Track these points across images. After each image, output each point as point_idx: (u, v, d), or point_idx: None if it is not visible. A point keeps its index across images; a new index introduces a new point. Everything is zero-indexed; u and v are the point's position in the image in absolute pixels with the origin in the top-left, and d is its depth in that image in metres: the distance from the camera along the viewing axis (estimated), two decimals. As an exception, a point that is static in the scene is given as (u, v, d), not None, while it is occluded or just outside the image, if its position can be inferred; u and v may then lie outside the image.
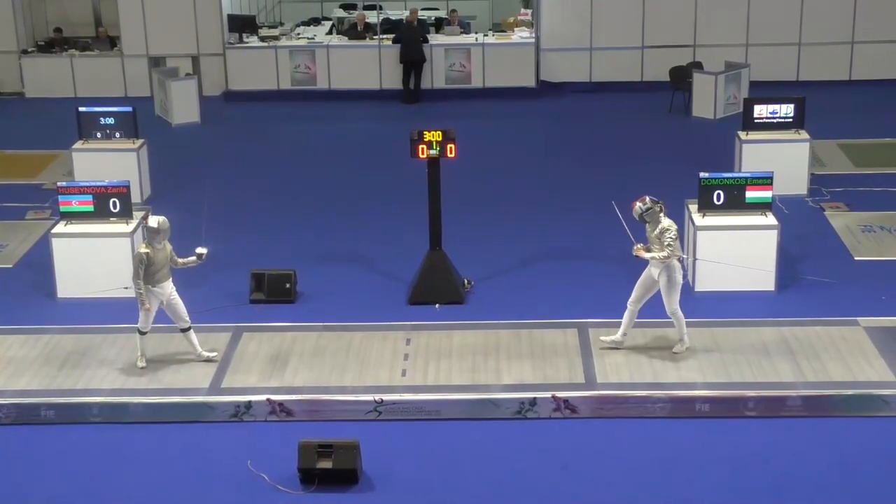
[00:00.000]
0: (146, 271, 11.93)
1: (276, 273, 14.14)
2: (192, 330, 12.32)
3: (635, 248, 12.26)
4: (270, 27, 26.32)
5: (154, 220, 12.00)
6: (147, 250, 11.94)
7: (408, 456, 10.95)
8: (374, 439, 10.90)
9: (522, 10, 26.56)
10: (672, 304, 12.25)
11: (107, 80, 24.76)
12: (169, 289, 12.15)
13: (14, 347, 12.73)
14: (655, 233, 12.11)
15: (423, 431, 11.36)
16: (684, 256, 12.42)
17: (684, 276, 14.40)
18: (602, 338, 12.52)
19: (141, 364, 12.23)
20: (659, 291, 12.26)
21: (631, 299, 12.41)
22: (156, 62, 24.64)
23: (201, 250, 12.38)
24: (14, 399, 11.65)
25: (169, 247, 12.17)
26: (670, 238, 12.01)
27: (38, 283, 14.62)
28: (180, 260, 12.31)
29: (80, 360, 12.41)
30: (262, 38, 25.00)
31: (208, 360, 12.29)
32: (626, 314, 12.40)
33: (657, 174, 18.61)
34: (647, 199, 12.13)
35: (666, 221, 12.09)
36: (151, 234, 11.99)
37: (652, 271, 12.25)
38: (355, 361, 12.33)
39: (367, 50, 24.63)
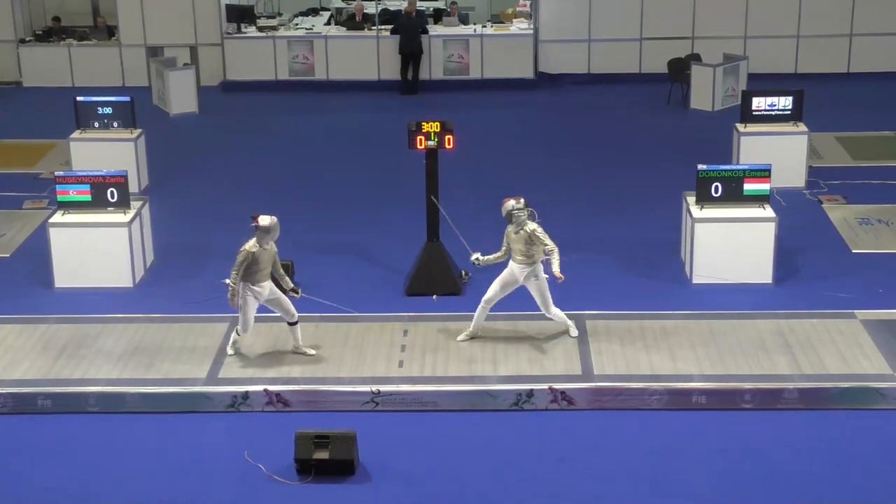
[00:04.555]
0: (247, 269, 11.82)
1: (273, 264, 14.11)
2: (298, 324, 12.20)
3: (474, 256, 12.55)
4: (268, 17, 26.28)
5: (266, 220, 11.87)
6: (254, 249, 11.82)
7: (404, 447, 10.96)
8: (370, 430, 10.91)
9: (521, 2, 26.51)
10: (550, 306, 12.40)
11: (104, 70, 24.73)
12: (268, 288, 12.01)
13: (11, 336, 12.73)
14: (520, 234, 12.16)
15: (420, 423, 11.37)
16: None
17: (681, 270, 14.47)
18: (458, 338, 12.51)
19: (230, 351, 12.19)
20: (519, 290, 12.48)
21: (486, 297, 12.44)
22: (154, 52, 24.60)
23: (297, 290, 12.26)
24: (11, 388, 11.65)
25: (274, 248, 12.06)
26: (543, 234, 12.11)
27: (36, 273, 14.61)
28: (287, 278, 12.22)
29: (77, 350, 12.41)
30: (261, 29, 24.97)
31: (308, 355, 12.21)
32: (479, 310, 12.46)
33: (655, 166, 18.64)
34: (522, 199, 12.22)
35: (532, 224, 12.18)
36: (261, 234, 11.85)
37: (516, 274, 12.31)
38: (352, 352, 12.33)
39: (365, 41, 24.61)
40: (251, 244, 11.86)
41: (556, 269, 12.07)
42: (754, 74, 22.78)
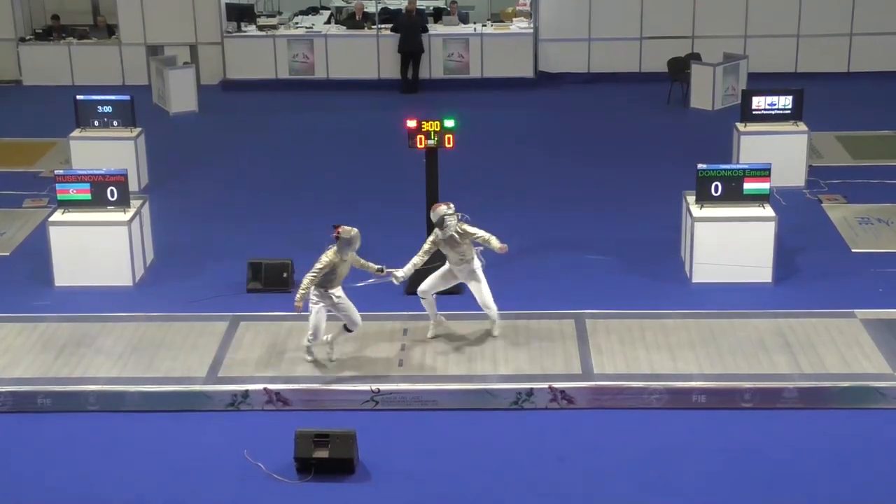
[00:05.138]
0: (324, 277, 11.75)
1: (273, 262, 14.14)
2: (353, 332, 12.10)
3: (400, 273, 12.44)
4: (269, 16, 26.28)
5: (348, 232, 11.80)
6: (334, 258, 11.76)
7: (404, 446, 10.96)
8: (370, 429, 10.91)
9: (521, 1, 26.51)
10: (487, 296, 12.45)
11: (104, 69, 24.73)
12: (339, 293, 11.97)
13: (11, 335, 12.73)
14: (451, 237, 12.21)
15: (420, 422, 11.37)
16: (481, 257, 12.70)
17: (681, 269, 14.48)
18: (428, 335, 12.58)
19: (308, 357, 12.09)
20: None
21: (422, 289, 12.57)
22: (154, 51, 24.60)
23: (382, 269, 12.31)
24: (11, 387, 11.65)
25: (354, 256, 12.01)
26: (471, 228, 12.24)
27: (36, 271, 14.61)
28: (370, 263, 12.20)
29: (76, 349, 12.41)
30: (261, 28, 24.97)
31: (329, 361, 12.11)
32: (426, 304, 12.58)
33: (655, 166, 18.64)
34: (452, 205, 12.31)
35: (462, 224, 12.31)
36: (342, 245, 11.80)
37: (454, 270, 12.39)
38: (352, 351, 12.33)
39: (365, 39, 24.60)
40: (331, 253, 11.79)
41: (496, 245, 12.17)
42: (754, 74, 22.77)
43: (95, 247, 14.17)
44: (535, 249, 15.28)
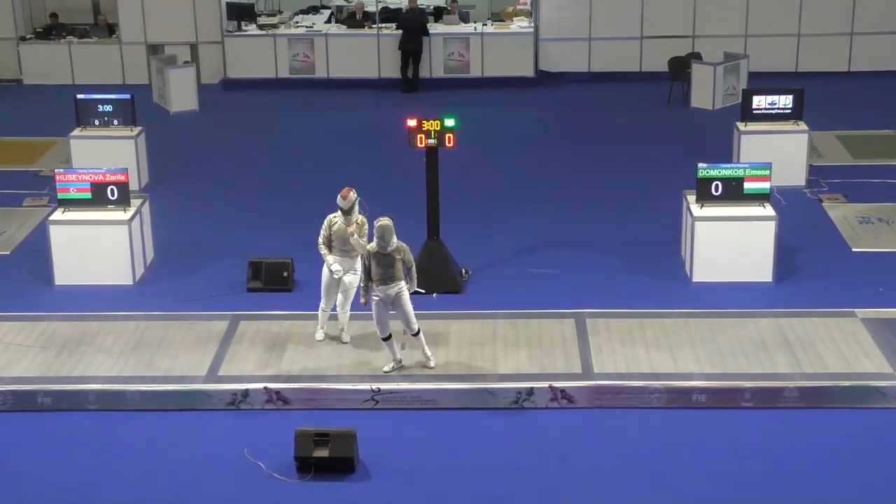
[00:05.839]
0: (368, 271, 11.68)
1: (273, 261, 14.13)
2: (420, 336, 11.96)
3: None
4: (269, 15, 26.27)
5: (383, 221, 11.73)
6: (372, 249, 11.68)
7: (404, 445, 10.96)
8: (370, 428, 10.91)
9: (521, 0, 26.50)
10: (347, 305, 12.43)
11: (105, 68, 24.73)
12: (395, 291, 11.72)
13: (11, 334, 12.72)
14: (349, 224, 12.23)
15: (420, 421, 11.37)
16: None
17: (681, 268, 14.48)
18: (317, 337, 12.52)
19: (388, 368, 11.94)
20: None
21: (322, 305, 12.52)
22: (154, 50, 24.61)
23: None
24: (11, 386, 11.65)
25: (401, 246, 11.84)
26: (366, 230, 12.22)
27: (36, 270, 14.61)
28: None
29: (76, 348, 12.41)
30: (261, 27, 24.97)
31: (429, 368, 12.02)
32: (323, 316, 12.54)
33: (655, 165, 18.63)
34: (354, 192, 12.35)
35: (360, 216, 12.35)
36: (376, 234, 11.66)
37: (334, 271, 12.29)
38: (352, 350, 12.33)
39: (365, 39, 24.60)
40: (371, 245, 11.73)
41: (358, 244, 12.14)
42: (755, 73, 22.76)
43: (95, 246, 14.17)
44: (535, 249, 15.28)
